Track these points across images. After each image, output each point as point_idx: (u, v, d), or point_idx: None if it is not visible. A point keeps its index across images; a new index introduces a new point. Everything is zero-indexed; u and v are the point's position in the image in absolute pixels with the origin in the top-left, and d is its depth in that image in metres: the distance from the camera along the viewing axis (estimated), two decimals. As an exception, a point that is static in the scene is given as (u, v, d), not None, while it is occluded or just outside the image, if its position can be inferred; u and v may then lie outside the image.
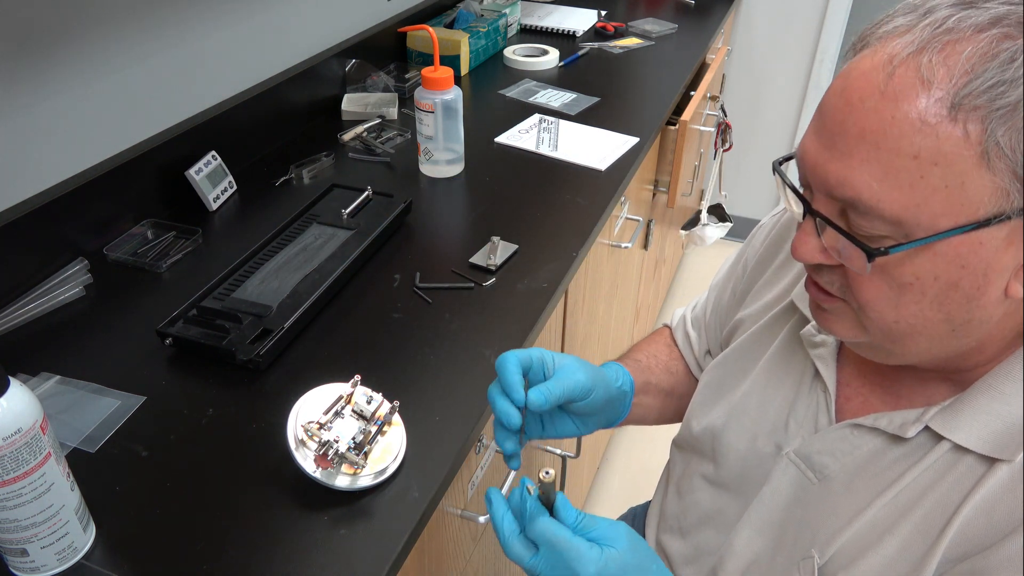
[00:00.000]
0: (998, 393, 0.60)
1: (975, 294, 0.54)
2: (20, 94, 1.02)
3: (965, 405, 0.61)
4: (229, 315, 0.96)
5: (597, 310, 1.57)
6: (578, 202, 1.29)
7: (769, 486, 0.74)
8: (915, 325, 0.57)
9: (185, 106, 1.29)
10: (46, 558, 0.69)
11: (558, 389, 0.71)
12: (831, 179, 0.55)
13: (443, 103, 1.29)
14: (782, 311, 0.79)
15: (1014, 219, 0.51)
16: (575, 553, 0.60)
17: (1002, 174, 0.50)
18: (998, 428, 0.59)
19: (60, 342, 0.97)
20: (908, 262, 0.54)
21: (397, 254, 1.16)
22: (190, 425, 0.85)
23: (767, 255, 0.85)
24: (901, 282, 0.55)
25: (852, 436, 0.68)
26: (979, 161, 0.49)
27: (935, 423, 0.62)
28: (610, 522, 0.64)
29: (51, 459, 0.66)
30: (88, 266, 1.08)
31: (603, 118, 1.58)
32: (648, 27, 2.12)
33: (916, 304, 0.56)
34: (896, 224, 0.53)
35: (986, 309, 0.55)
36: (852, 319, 0.61)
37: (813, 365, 0.73)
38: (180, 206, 1.24)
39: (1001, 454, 0.59)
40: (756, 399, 0.77)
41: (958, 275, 0.53)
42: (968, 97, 0.49)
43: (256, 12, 1.39)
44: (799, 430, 0.73)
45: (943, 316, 0.56)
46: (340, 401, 0.82)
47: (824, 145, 0.55)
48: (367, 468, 0.77)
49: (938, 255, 0.53)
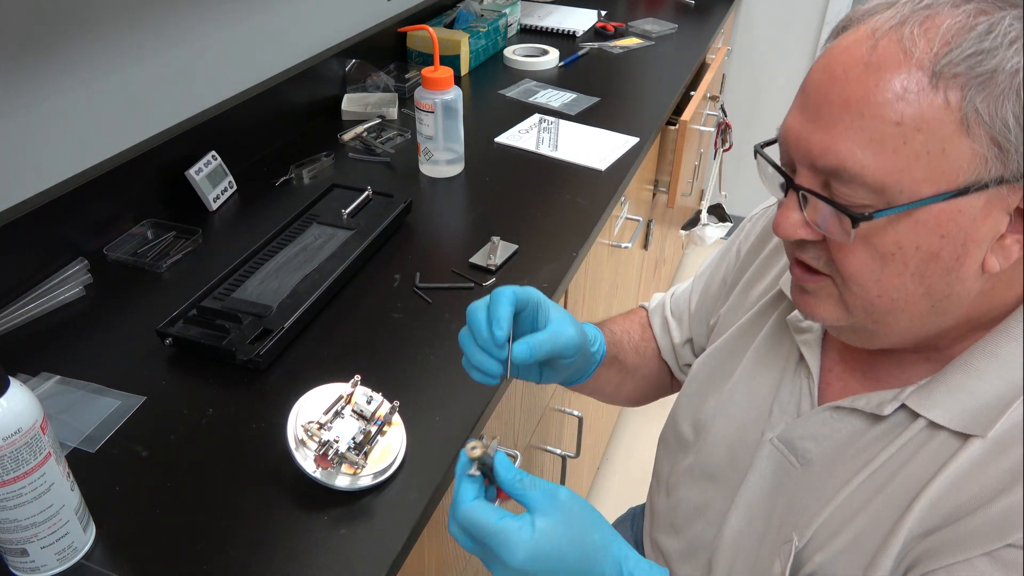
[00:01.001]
0: (973, 371, 0.61)
1: (954, 266, 0.56)
2: (20, 94, 1.02)
3: (940, 383, 0.62)
4: (229, 315, 0.96)
5: (597, 310, 1.57)
6: (578, 202, 1.29)
7: (753, 473, 0.74)
8: (897, 300, 0.58)
9: (185, 106, 1.29)
10: (46, 558, 0.69)
11: (547, 345, 0.71)
12: (815, 149, 0.56)
13: (443, 103, 1.29)
14: (770, 300, 0.80)
15: (991, 188, 0.53)
16: (501, 539, 0.59)
17: (980, 140, 0.51)
18: (972, 405, 0.60)
19: (60, 342, 0.97)
20: (891, 231, 0.55)
21: (397, 254, 1.16)
22: (190, 425, 0.85)
23: (757, 245, 0.86)
24: (884, 252, 0.56)
25: (832, 419, 0.69)
26: (959, 127, 0.51)
27: (911, 401, 0.63)
28: (547, 490, 0.62)
29: (51, 459, 0.66)
30: (88, 266, 1.08)
31: (603, 118, 1.58)
32: (648, 27, 2.12)
33: (898, 277, 0.57)
34: (879, 191, 0.54)
35: (964, 283, 0.57)
36: (835, 299, 0.61)
37: (798, 351, 0.74)
38: (180, 206, 1.24)
39: (974, 430, 0.59)
40: (743, 388, 0.78)
41: (938, 245, 0.55)
42: (948, 66, 0.51)
43: (256, 12, 1.39)
44: (782, 416, 0.73)
45: (924, 290, 0.57)
46: (340, 401, 0.82)
47: (808, 118, 0.57)
48: (367, 468, 0.77)
49: (919, 223, 0.54)
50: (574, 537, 0.61)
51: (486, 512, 0.60)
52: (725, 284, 0.89)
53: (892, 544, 0.62)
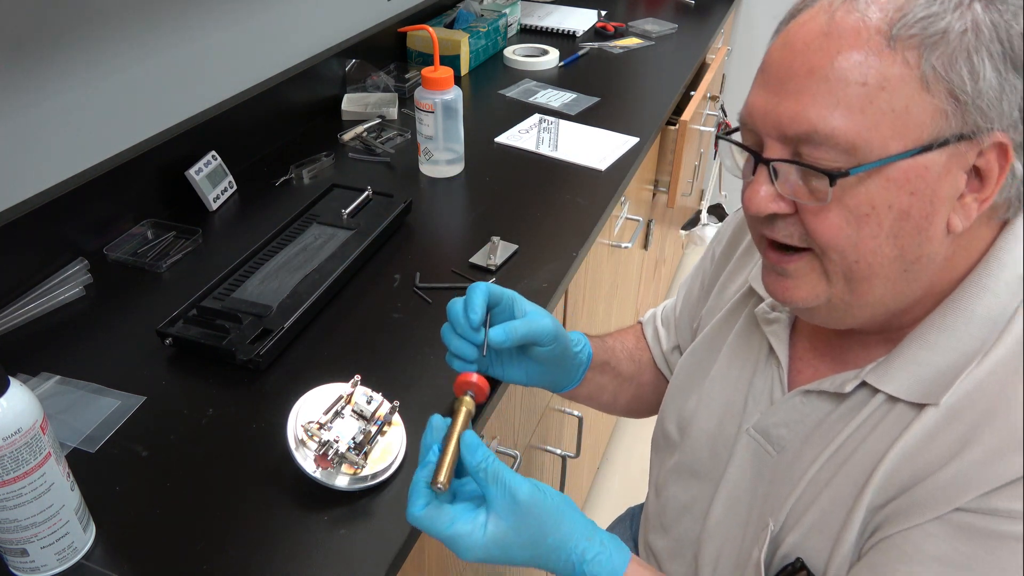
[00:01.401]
0: (926, 343, 0.62)
1: (924, 225, 0.57)
2: (20, 94, 1.02)
3: (896, 358, 0.64)
4: (229, 315, 0.96)
5: (597, 310, 1.57)
6: (578, 202, 1.29)
7: (733, 465, 0.76)
8: (873, 265, 0.59)
9: (185, 106, 1.29)
10: (46, 558, 0.69)
11: (522, 329, 0.75)
12: (784, 118, 0.58)
13: (443, 103, 1.29)
14: (742, 297, 0.82)
15: (951, 144, 0.55)
16: (452, 544, 0.63)
17: (940, 95, 0.55)
18: (926, 376, 0.62)
19: (60, 342, 0.97)
20: (863, 190, 0.57)
21: (397, 254, 1.16)
22: (190, 425, 0.85)
23: (730, 248, 0.88)
24: (859, 214, 0.57)
25: (802, 404, 0.70)
26: (920, 85, 0.55)
27: (870, 378, 0.65)
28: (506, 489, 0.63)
29: (51, 459, 0.66)
30: (88, 266, 1.08)
31: (603, 118, 1.58)
32: (648, 27, 2.12)
33: (874, 239, 0.58)
34: (850, 151, 0.56)
35: (933, 244, 0.59)
36: (815, 275, 0.62)
37: (768, 342, 0.76)
38: (180, 206, 1.24)
39: (927, 399, 0.61)
40: (720, 383, 0.80)
41: (908, 203, 0.57)
42: (903, 29, 0.54)
43: (256, 12, 1.39)
44: (756, 406, 0.75)
45: (897, 252, 0.58)
46: (340, 401, 0.82)
47: (773, 91, 0.59)
48: (367, 468, 0.77)
49: (890, 181, 0.56)
50: (525, 542, 0.64)
51: (436, 521, 0.63)
52: (703, 288, 0.92)
53: (855, 518, 0.63)
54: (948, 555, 0.57)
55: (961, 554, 0.57)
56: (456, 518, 0.63)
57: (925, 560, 0.58)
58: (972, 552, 0.57)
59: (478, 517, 0.63)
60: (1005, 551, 0.55)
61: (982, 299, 0.61)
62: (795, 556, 0.68)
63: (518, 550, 0.64)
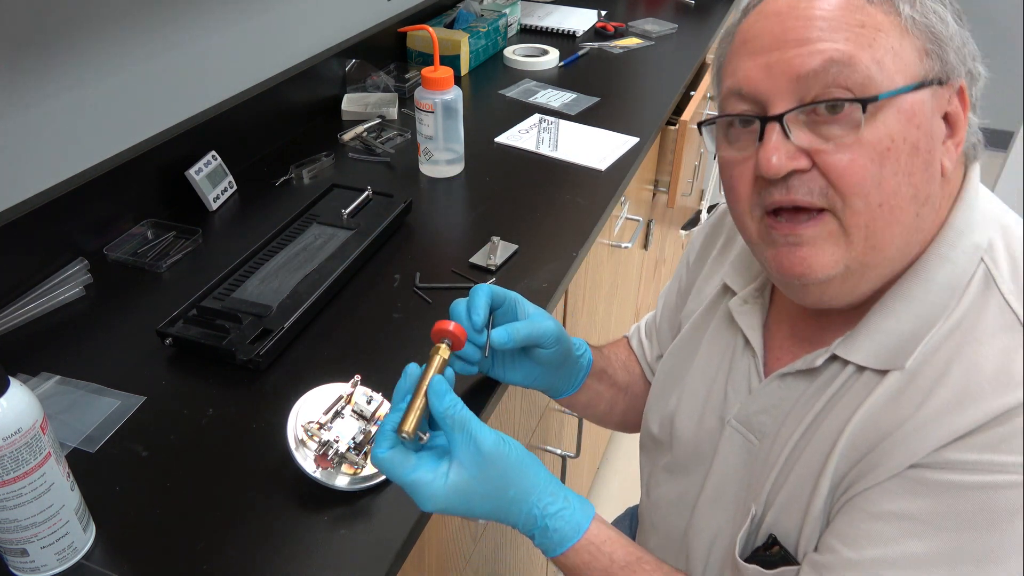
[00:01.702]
0: (889, 312, 0.64)
1: (930, 160, 0.60)
2: (20, 94, 1.02)
3: (862, 328, 0.65)
4: (229, 315, 0.96)
5: (597, 310, 1.57)
6: (578, 202, 1.29)
7: (718, 458, 0.76)
8: (894, 208, 0.60)
9: (185, 106, 1.29)
10: (46, 558, 0.69)
11: (524, 330, 0.76)
12: (795, 61, 0.59)
13: (443, 103, 1.29)
14: (717, 294, 0.83)
15: (934, 86, 0.60)
16: (412, 491, 0.64)
17: (921, 38, 0.60)
18: (889, 343, 0.63)
19: (60, 342, 0.97)
20: (882, 124, 0.58)
21: (397, 254, 1.16)
22: (190, 425, 0.85)
23: (704, 251, 0.89)
24: (880, 149, 0.59)
25: (780, 388, 0.71)
26: (904, 30, 0.59)
27: (839, 350, 0.66)
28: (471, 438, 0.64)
29: (51, 459, 0.66)
30: (88, 266, 1.08)
31: (603, 118, 1.58)
32: (648, 27, 2.12)
33: (895, 176, 0.59)
34: (866, 82, 0.58)
35: (935, 183, 0.61)
36: (834, 236, 0.61)
37: (743, 334, 0.76)
38: (180, 206, 1.24)
39: (892, 365, 0.63)
40: (700, 379, 0.81)
41: (916, 136, 0.59)
42: None
43: (256, 12, 1.39)
44: (736, 396, 0.76)
45: (912, 191, 0.60)
46: (340, 401, 0.82)
47: (771, 50, 0.60)
48: (367, 468, 0.77)
49: (901, 112, 0.59)
50: (486, 493, 0.65)
51: (398, 466, 0.64)
52: (680, 294, 0.93)
53: (821, 486, 0.64)
54: (907, 510, 0.59)
55: (920, 508, 0.58)
56: (419, 465, 0.64)
57: (886, 517, 0.60)
58: (930, 506, 0.58)
59: (440, 466, 0.64)
60: (962, 502, 0.57)
61: (941, 267, 0.63)
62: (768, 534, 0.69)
63: (479, 501, 0.65)
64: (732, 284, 0.80)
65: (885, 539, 0.59)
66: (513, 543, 1.28)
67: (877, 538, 0.60)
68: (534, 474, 0.67)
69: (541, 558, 1.53)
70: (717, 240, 0.87)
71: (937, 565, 0.57)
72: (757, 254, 0.68)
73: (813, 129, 0.59)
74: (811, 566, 0.64)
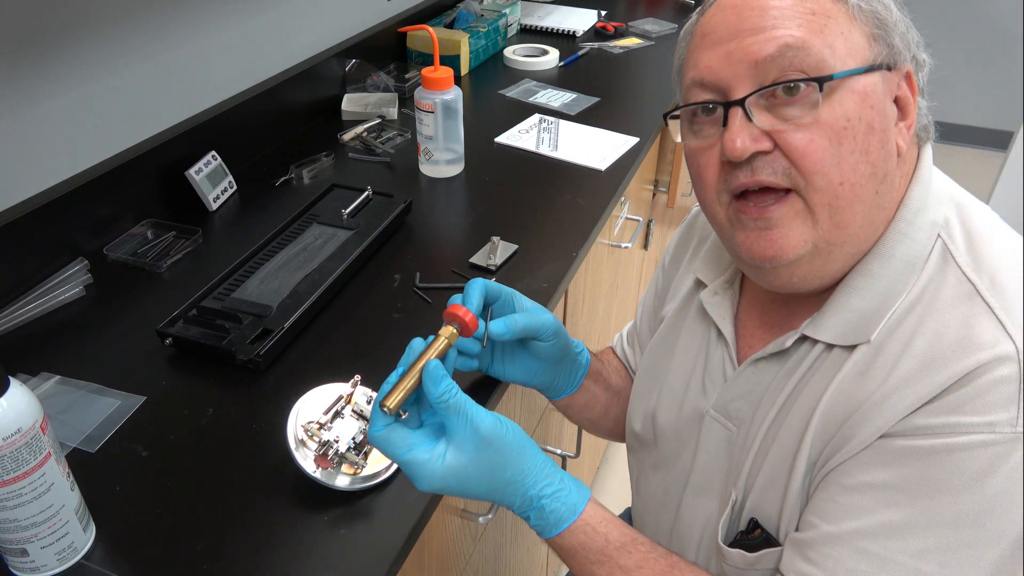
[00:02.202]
0: (854, 290, 0.66)
1: (885, 139, 0.63)
2: (20, 94, 1.02)
3: (829, 307, 0.67)
4: (229, 315, 0.96)
5: (597, 310, 1.57)
6: (578, 202, 1.29)
7: (700, 449, 0.77)
8: (855, 185, 0.62)
9: (185, 106, 1.29)
10: (46, 558, 0.69)
11: (523, 321, 0.76)
12: (752, 48, 0.62)
13: (443, 103, 1.29)
14: (690, 290, 0.84)
15: (882, 71, 0.62)
16: (409, 470, 0.64)
17: (868, 24, 0.63)
18: (855, 320, 0.65)
19: (60, 342, 0.97)
20: (838, 104, 0.61)
21: (397, 254, 1.16)
22: (190, 425, 0.85)
23: (678, 253, 0.91)
24: (837, 128, 0.61)
25: (754, 374, 0.73)
26: (852, 16, 0.62)
27: (808, 330, 0.68)
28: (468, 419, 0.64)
29: (51, 459, 0.66)
30: (88, 266, 1.08)
31: (603, 118, 1.58)
32: (648, 27, 2.12)
33: (852, 154, 0.61)
34: (820, 64, 0.61)
35: (891, 161, 0.64)
36: (801, 215, 0.63)
37: (716, 325, 0.78)
38: (180, 206, 1.24)
39: (858, 340, 0.65)
40: (678, 374, 0.82)
41: (871, 116, 0.62)
42: None
43: (256, 12, 1.39)
44: (713, 387, 0.77)
45: (871, 169, 0.62)
46: (340, 401, 0.82)
47: (729, 38, 0.63)
48: (367, 468, 0.77)
49: (854, 93, 0.61)
50: (483, 475, 0.65)
51: (393, 444, 0.64)
52: (657, 297, 0.94)
53: (798, 464, 0.66)
54: (881, 480, 0.60)
55: (893, 477, 0.59)
56: (415, 445, 0.64)
57: (861, 488, 0.61)
58: (902, 473, 0.59)
59: (437, 447, 0.64)
60: (932, 467, 0.58)
61: (901, 244, 0.65)
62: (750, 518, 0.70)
63: (476, 482, 0.65)
64: (703, 277, 0.82)
65: (862, 510, 0.60)
66: (513, 543, 1.28)
67: (854, 510, 0.61)
68: (531, 456, 0.67)
69: (541, 558, 1.53)
70: (691, 242, 0.89)
71: (914, 531, 0.58)
72: (726, 240, 0.69)
73: (774, 112, 0.62)
74: (793, 545, 0.65)
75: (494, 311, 0.77)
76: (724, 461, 0.75)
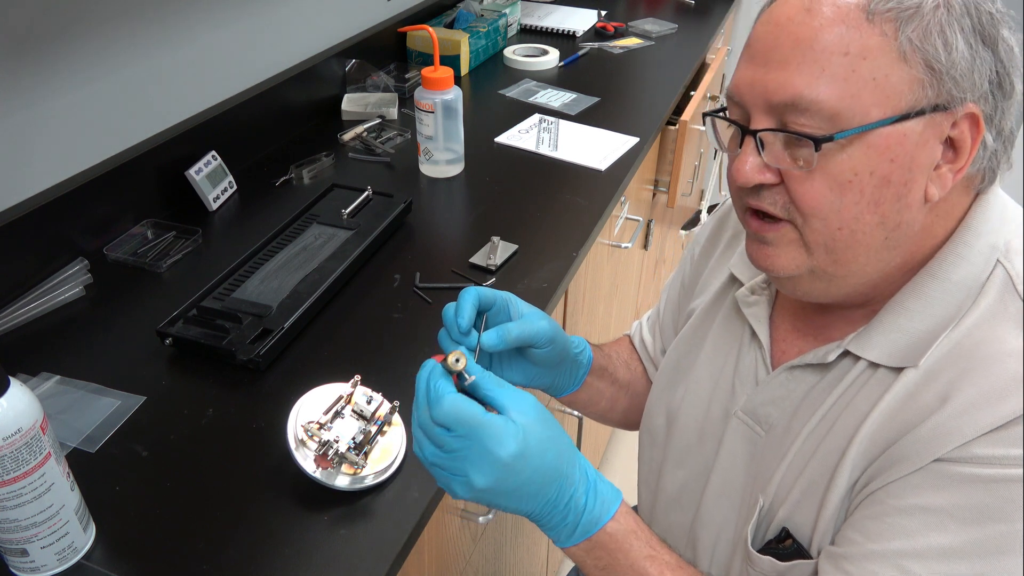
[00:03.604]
0: (904, 310, 0.65)
1: (903, 192, 0.60)
2: (20, 94, 1.02)
3: (876, 325, 0.66)
4: (229, 315, 0.96)
5: (597, 310, 1.57)
6: (578, 202, 1.29)
7: (724, 449, 0.77)
8: (856, 232, 0.61)
9: (185, 106, 1.29)
10: (46, 558, 0.69)
11: (516, 330, 0.73)
12: (770, 86, 0.60)
13: (443, 103, 1.29)
14: (723, 286, 0.83)
15: (928, 114, 0.58)
16: (491, 431, 0.59)
17: (916, 66, 0.58)
18: (904, 341, 0.64)
19: (60, 342, 0.97)
20: (846, 157, 0.59)
21: (397, 254, 1.16)
22: (190, 425, 0.85)
23: (709, 246, 0.90)
24: (841, 180, 0.59)
25: (788, 380, 0.72)
26: (898, 56, 0.58)
27: (852, 346, 0.67)
28: (518, 393, 0.63)
29: (51, 459, 0.66)
30: (88, 266, 1.08)
31: (603, 118, 1.58)
32: (648, 27, 2.12)
33: (855, 206, 0.60)
34: (833, 118, 0.58)
35: (911, 211, 0.61)
36: (795, 244, 0.64)
37: (750, 326, 0.77)
38: (180, 206, 1.24)
39: (906, 363, 0.63)
40: (706, 371, 0.81)
41: (888, 169, 0.59)
42: (879, 3, 0.58)
43: (256, 12, 1.39)
44: (743, 388, 0.76)
45: (879, 219, 0.60)
46: (340, 401, 0.82)
47: (759, 64, 0.61)
48: (367, 468, 0.77)
49: (871, 147, 0.59)
50: (552, 436, 0.63)
51: (472, 404, 0.60)
52: (684, 288, 0.93)
53: (838, 481, 0.65)
54: (932, 503, 0.59)
55: (945, 501, 0.59)
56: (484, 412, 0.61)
57: (910, 510, 0.60)
58: (955, 499, 0.58)
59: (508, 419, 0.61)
60: (988, 495, 0.57)
61: (958, 267, 0.63)
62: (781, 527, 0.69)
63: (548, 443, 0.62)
64: (739, 275, 0.81)
65: (908, 532, 0.60)
66: (513, 543, 1.28)
67: (900, 531, 0.60)
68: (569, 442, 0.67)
69: (541, 559, 1.53)
70: (723, 235, 0.88)
71: (962, 557, 0.58)
72: None
73: (787, 147, 0.61)
74: (830, 557, 0.65)
75: (489, 318, 0.75)
76: (747, 464, 0.75)
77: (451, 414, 0.60)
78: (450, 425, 0.60)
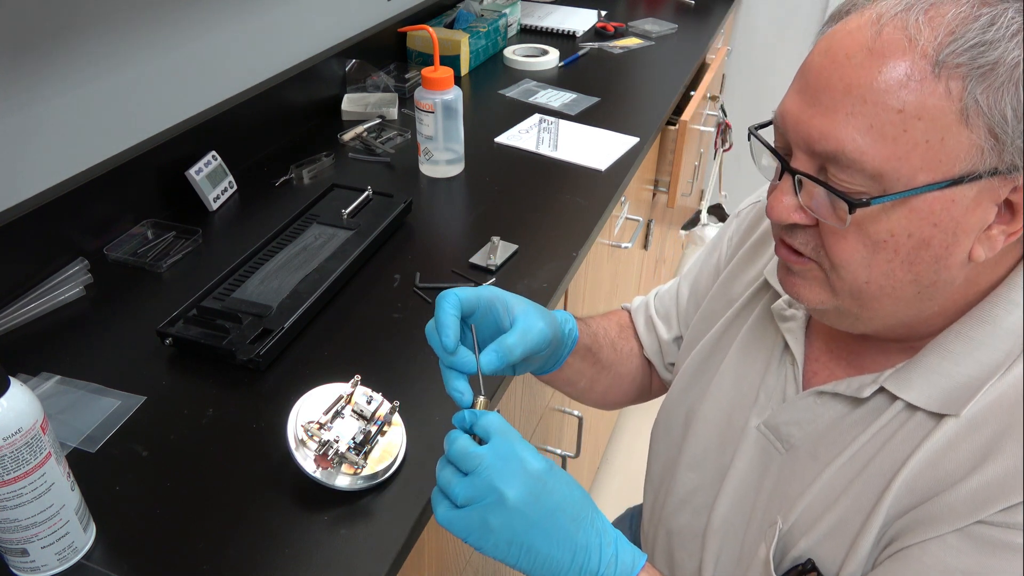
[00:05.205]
0: (948, 353, 0.62)
1: (943, 255, 0.56)
2: (20, 93, 1.02)
3: (917, 365, 0.63)
4: (229, 315, 0.96)
5: (597, 310, 1.57)
6: (578, 202, 1.29)
7: (740, 459, 0.75)
8: (884, 287, 0.58)
9: (185, 106, 1.29)
10: (46, 558, 0.69)
11: (519, 349, 0.68)
12: (814, 133, 0.56)
13: (443, 103, 1.29)
14: (755, 291, 0.81)
15: (984, 179, 0.53)
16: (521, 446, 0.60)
17: (979, 131, 0.52)
18: (947, 386, 0.61)
19: (60, 342, 0.97)
20: (884, 218, 0.56)
21: (397, 254, 1.16)
22: (190, 425, 0.85)
23: (742, 238, 0.87)
24: (876, 240, 0.57)
25: (816, 404, 0.70)
26: (959, 118, 0.52)
27: (889, 384, 0.64)
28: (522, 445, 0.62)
29: (51, 459, 0.66)
30: (88, 266, 1.08)
31: (603, 118, 1.58)
32: (648, 27, 2.12)
33: (888, 263, 0.57)
34: (876, 178, 0.54)
35: (951, 271, 0.57)
36: (821, 282, 0.62)
37: (783, 339, 0.75)
38: (180, 206, 1.24)
39: (948, 409, 0.60)
40: (731, 377, 0.79)
41: (930, 233, 0.55)
42: (951, 56, 0.51)
43: (256, 12, 1.39)
44: (768, 402, 0.74)
45: (912, 277, 0.58)
46: (340, 401, 0.82)
47: (807, 102, 0.57)
48: (367, 468, 0.77)
49: (913, 211, 0.55)
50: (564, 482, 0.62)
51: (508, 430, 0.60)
52: (717, 275, 0.89)
53: (872, 525, 0.63)
54: (968, 567, 0.57)
55: (981, 566, 0.56)
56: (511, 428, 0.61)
57: (945, 571, 0.58)
58: (993, 564, 0.56)
59: None
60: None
61: (1010, 313, 0.59)
62: (807, 558, 0.67)
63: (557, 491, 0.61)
64: (776, 285, 0.77)
65: None
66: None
67: None
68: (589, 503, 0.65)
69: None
70: (757, 229, 0.85)
71: None
72: None
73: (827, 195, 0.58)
74: None
75: (478, 324, 0.68)
76: (761, 477, 0.73)
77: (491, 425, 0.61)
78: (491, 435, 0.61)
